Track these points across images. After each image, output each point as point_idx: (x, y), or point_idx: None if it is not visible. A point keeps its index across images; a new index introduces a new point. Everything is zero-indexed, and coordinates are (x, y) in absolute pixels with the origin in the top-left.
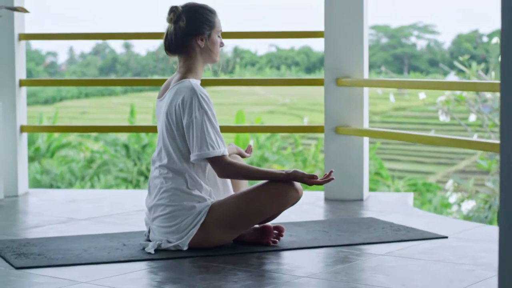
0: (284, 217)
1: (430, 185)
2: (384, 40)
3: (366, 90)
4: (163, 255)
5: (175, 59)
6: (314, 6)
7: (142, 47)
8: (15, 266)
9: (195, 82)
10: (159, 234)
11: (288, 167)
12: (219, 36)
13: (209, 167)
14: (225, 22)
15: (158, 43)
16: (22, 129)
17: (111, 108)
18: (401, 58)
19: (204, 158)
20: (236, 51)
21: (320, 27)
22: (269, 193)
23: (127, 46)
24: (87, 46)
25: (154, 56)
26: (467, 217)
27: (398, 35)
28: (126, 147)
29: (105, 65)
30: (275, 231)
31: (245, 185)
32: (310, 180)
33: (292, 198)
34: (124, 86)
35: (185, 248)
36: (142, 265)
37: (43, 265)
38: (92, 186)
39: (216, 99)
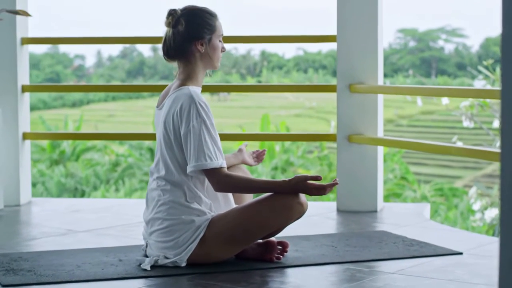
0: (292, 230)
1: (456, 190)
2: (412, 44)
3: (380, 97)
4: (159, 272)
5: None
6: (326, 9)
7: None
8: (1, 284)
9: (194, 89)
10: (156, 249)
11: (313, 172)
12: (220, 41)
13: None
14: (236, 25)
15: None
16: (25, 136)
17: (138, 111)
18: (429, 62)
19: (201, 169)
20: (263, 54)
21: (333, 31)
22: (272, 207)
23: (154, 50)
24: (114, 49)
25: None
26: (491, 225)
27: (426, 39)
28: (151, 150)
29: (133, 68)
30: (279, 247)
31: (249, 198)
32: (313, 184)
33: (296, 212)
34: (127, 92)
35: (183, 264)
36: (137, 283)
37: (31, 282)
38: (117, 190)
39: (244, 103)
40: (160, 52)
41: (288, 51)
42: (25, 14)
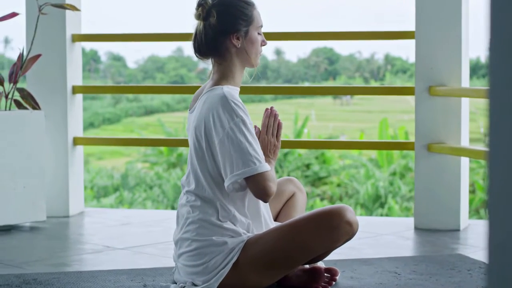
0: (356, 251)
1: None
2: None
3: (465, 101)
4: None
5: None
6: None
7: (293, 54)
8: None
9: (227, 89)
10: (184, 274)
11: None
12: (259, 34)
13: (250, 193)
14: (304, 22)
15: (309, 49)
16: (75, 141)
17: (258, 114)
18: None
19: (248, 176)
20: (387, 58)
21: (411, 27)
22: (315, 227)
23: (278, 53)
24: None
25: (305, 63)
26: None
27: None
28: None
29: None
30: (327, 274)
31: (296, 214)
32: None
33: (343, 233)
34: (164, 94)
35: None
36: None
37: None
38: None
39: (367, 107)
40: (284, 56)
41: (412, 55)
42: (73, 8)
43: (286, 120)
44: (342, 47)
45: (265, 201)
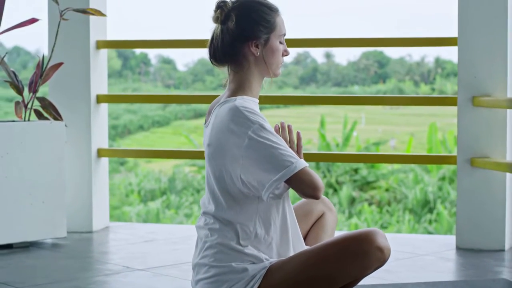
0: (391, 274)
1: None
2: None
3: (511, 112)
4: None
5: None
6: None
7: (343, 57)
8: None
9: (241, 100)
10: None
11: None
12: (281, 42)
13: (282, 209)
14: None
15: (359, 52)
16: (100, 153)
17: (308, 118)
18: None
19: (289, 176)
20: (437, 61)
21: (453, 33)
22: (342, 253)
23: (328, 56)
24: (289, 56)
25: (355, 66)
26: None
27: None
28: None
29: (306, 74)
30: None
31: (326, 236)
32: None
33: (374, 260)
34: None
35: None
36: None
37: None
38: None
39: (416, 110)
40: (334, 59)
41: None
42: (97, 13)
43: (336, 123)
44: (392, 50)
45: (317, 198)
